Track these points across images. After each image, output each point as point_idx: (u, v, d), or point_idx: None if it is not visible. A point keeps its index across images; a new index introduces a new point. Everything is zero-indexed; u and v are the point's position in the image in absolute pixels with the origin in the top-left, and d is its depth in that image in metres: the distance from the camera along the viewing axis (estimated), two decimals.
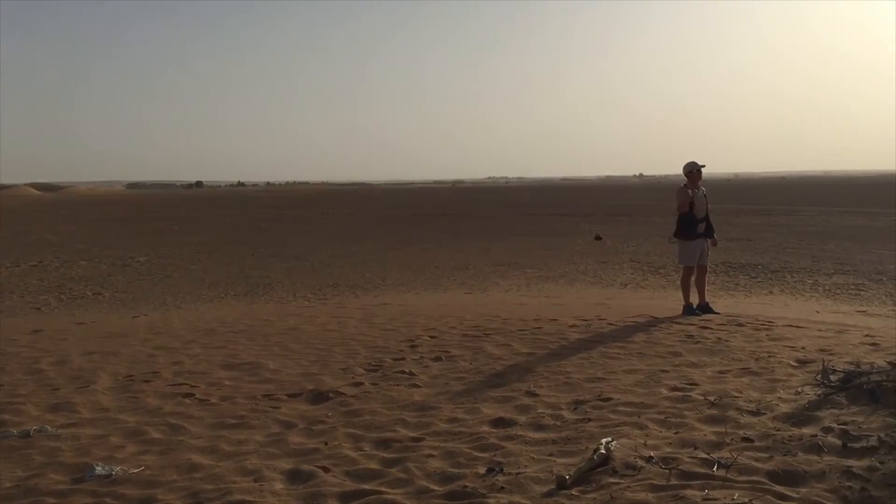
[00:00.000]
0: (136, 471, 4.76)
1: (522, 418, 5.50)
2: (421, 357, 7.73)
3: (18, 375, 7.44)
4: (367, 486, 4.41)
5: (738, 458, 4.33)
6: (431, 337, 8.76)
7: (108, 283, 16.93)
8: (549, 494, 4.09)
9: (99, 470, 4.72)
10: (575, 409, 5.67)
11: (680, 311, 10.00)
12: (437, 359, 7.62)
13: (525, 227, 34.44)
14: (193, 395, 6.58)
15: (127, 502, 4.33)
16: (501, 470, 4.45)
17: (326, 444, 5.18)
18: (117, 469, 4.75)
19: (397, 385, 6.67)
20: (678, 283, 11.62)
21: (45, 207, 69.88)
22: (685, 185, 10.35)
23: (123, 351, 8.52)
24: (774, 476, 4.10)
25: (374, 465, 4.75)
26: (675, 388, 6.06)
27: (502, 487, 4.20)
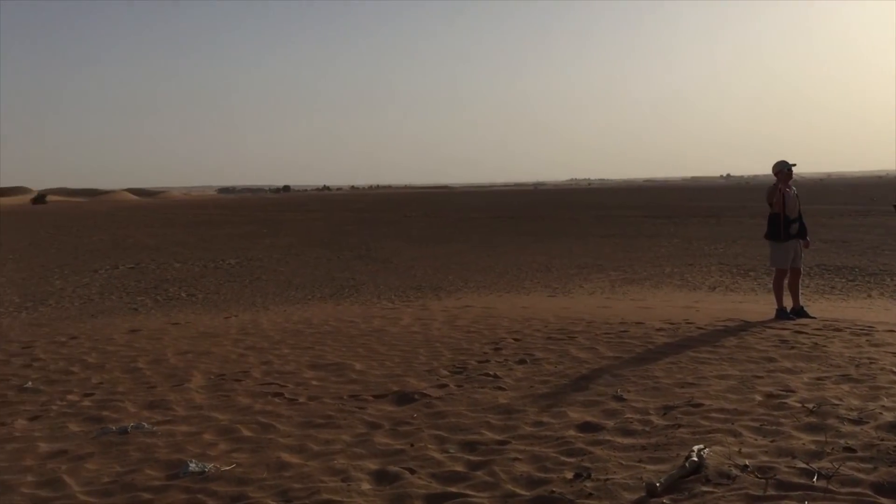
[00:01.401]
0: (227, 468, 4.87)
1: (610, 423, 5.40)
2: (505, 360, 7.68)
3: (117, 373, 7.73)
4: (452, 489, 4.40)
5: (840, 468, 4.15)
6: (515, 339, 8.71)
7: (200, 284, 17.46)
8: (639, 502, 4.00)
9: (193, 467, 4.85)
10: (664, 414, 5.54)
11: (773, 315, 9.67)
12: (522, 361, 7.56)
13: (608, 229, 33.97)
14: (282, 394, 6.71)
15: (219, 499, 4.43)
16: (589, 475, 4.38)
17: (412, 445, 5.20)
18: (210, 466, 4.87)
19: (482, 387, 6.65)
20: (769, 286, 11.25)
21: (142, 212, 72.63)
22: (776, 184, 10.02)
23: (215, 350, 8.75)
24: (879, 488, 3.90)
25: (459, 468, 4.74)
26: (770, 395, 5.85)
27: (590, 494, 4.13)
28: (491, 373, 7.14)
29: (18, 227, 47.67)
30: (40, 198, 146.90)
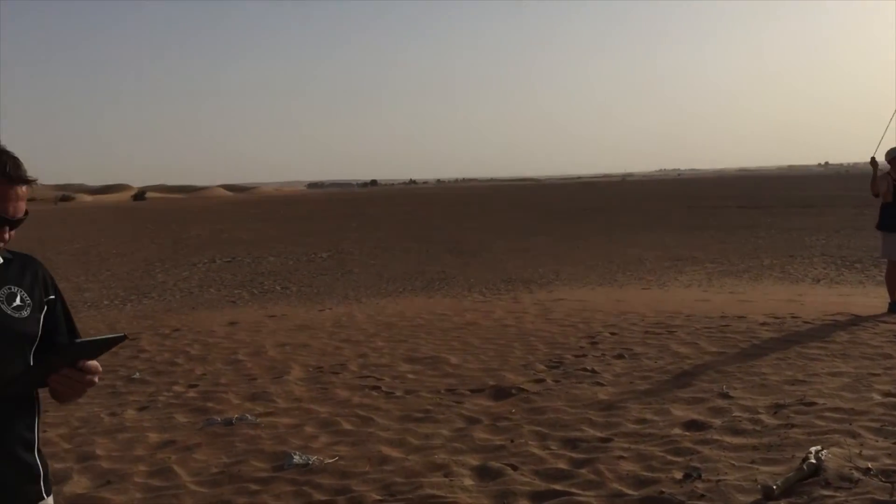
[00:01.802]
0: (330, 461, 4.91)
1: (717, 421, 5.22)
2: (603, 354, 7.54)
3: (219, 365, 7.93)
4: (557, 487, 4.32)
5: None
6: (612, 333, 8.53)
7: (294, 277, 17.80)
8: None
9: (297, 459, 4.91)
10: (775, 413, 5.31)
11: (885, 310, 9.19)
12: (620, 356, 7.40)
13: (701, 221, 33.08)
14: (380, 387, 6.74)
15: (324, 492, 4.47)
16: (700, 476, 4.23)
17: (512, 441, 5.13)
18: (314, 459, 4.92)
19: (580, 383, 6.53)
20: (879, 278, 10.70)
21: (236, 207, 74.77)
22: (888, 172, 9.52)
23: (312, 343, 8.88)
24: None
25: (562, 465, 4.65)
26: (889, 394, 5.54)
27: (702, 495, 3.98)
28: (588, 368, 7.01)
29: (121, 223, 49.72)
30: (140, 195, 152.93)
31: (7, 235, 1.94)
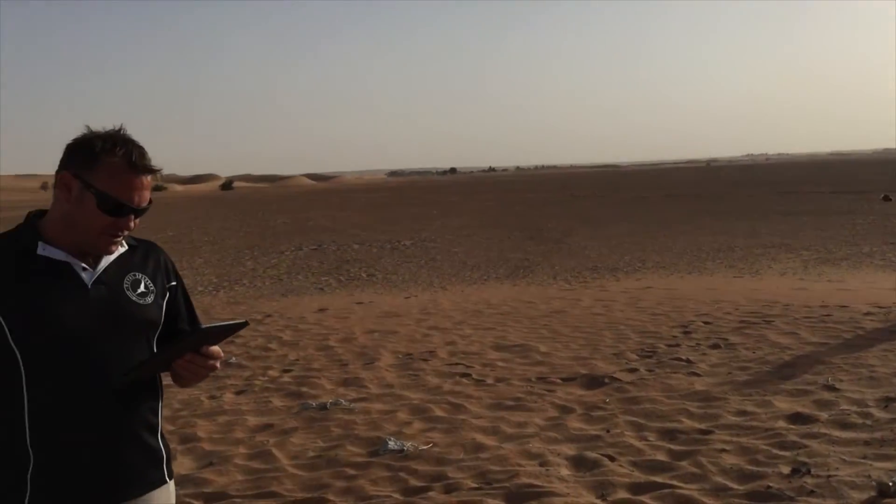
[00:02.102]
0: (425, 447, 4.93)
1: (824, 415, 5.02)
2: (697, 344, 7.35)
3: (311, 351, 8.05)
4: (657, 479, 4.22)
5: None
6: (705, 323, 8.32)
7: (379, 265, 17.98)
8: (869, 502, 3.67)
9: (392, 445, 4.94)
10: (885, 406, 5.08)
11: None
12: (716, 346, 7.20)
13: (794, 206, 31.98)
14: (470, 374, 6.73)
15: (420, 478, 4.48)
16: (809, 471, 4.07)
17: (608, 431, 5.05)
18: (408, 445, 4.94)
19: (675, 373, 6.39)
20: None
21: (319, 195, 76.03)
22: None
23: (400, 330, 8.94)
24: None
25: (661, 457, 4.55)
26: None
27: (812, 491, 3.83)
28: (683, 357, 6.84)
29: (211, 211, 51.19)
30: (228, 184, 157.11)
31: (132, 224, 1.97)
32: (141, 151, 1.93)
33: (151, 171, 1.95)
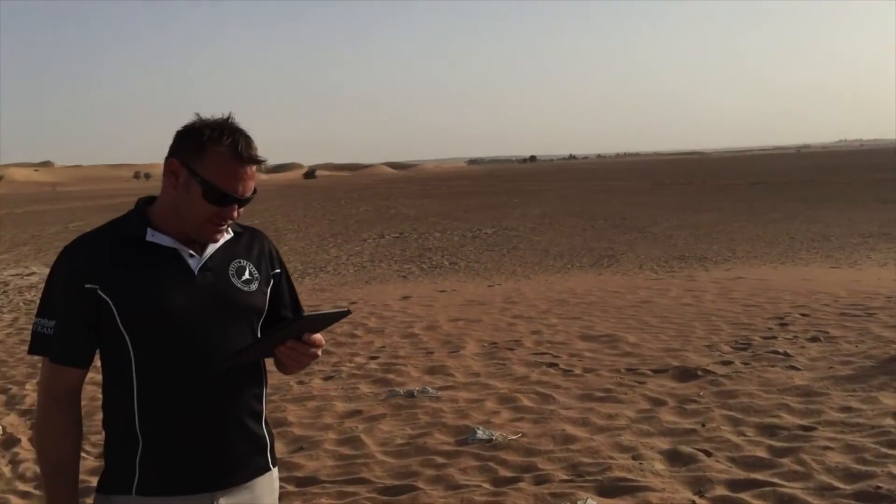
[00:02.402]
0: (514, 437, 4.87)
1: None
2: (795, 336, 7.07)
3: (396, 338, 8.09)
4: (757, 476, 4.06)
5: None
6: (803, 315, 8.00)
7: (461, 253, 17.98)
8: None
9: (480, 434, 4.90)
10: None
11: None
12: (815, 339, 6.92)
13: (892, 194, 30.58)
14: (557, 364, 6.64)
15: (509, 468, 4.43)
16: None
17: (703, 425, 4.89)
18: (497, 434, 4.89)
19: (772, 366, 6.15)
20: None
21: (400, 184, 76.62)
22: None
23: (484, 318, 8.90)
24: None
25: (761, 453, 4.38)
26: None
27: None
28: (780, 350, 6.59)
29: (294, 200, 52.16)
30: (310, 173, 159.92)
31: (235, 214, 1.96)
32: (247, 141, 1.92)
33: (257, 161, 1.94)
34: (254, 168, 1.94)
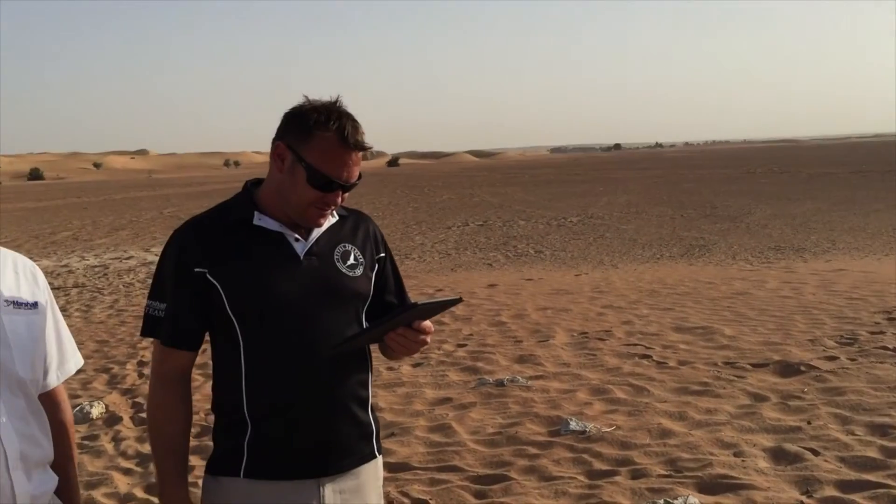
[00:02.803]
0: (608, 429, 4.76)
1: None
2: None
3: (484, 326, 8.04)
4: (869, 477, 3.85)
5: None
6: None
7: (546, 241, 17.82)
8: None
9: (573, 425, 4.81)
10: None
11: None
12: None
13: None
14: (650, 356, 6.47)
15: (604, 461, 4.33)
16: None
17: (809, 423, 4.68)
18: (591, 426, 4.79)
19: (881, 363, 5.84)
20: None
21: (483, 172, 76.47)
22: None
23: (573, 308, 8.76)
24: None
25: (872, 454, 4.15)
26: None
27: None
28: (890, 346, 6.25)
29: (378, 187, 52.66)
30: (394, 161, 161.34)
31: (339, 200, 1.93)
32: (354, 126, 1.88)
33: (363, 147, 1.90)
34: (359, 154, 1.91)
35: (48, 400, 1.91)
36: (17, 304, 1.81)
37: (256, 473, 1.91)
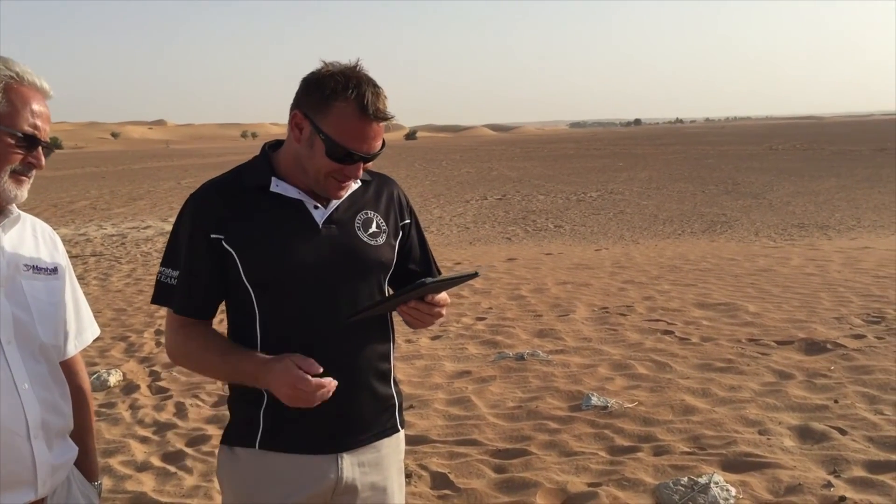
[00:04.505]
0: (630, 405, 4.68)
1: None
2: None
3: (503, 300, 7.96)
4: None
5: None
6: None
7: (565, 216, 17.67)
8: None
9: (595, 400, 4.73)
10: None
11: None
12: None
13: None
14: (672, 332, 6.37)
15: (626, 437, 4.26)
16: None
17: (836, 401, 4.58)
18: (612, 402, 4.71)
19: None
20: None
21: (501, 146, 76.05)
22: None
23: (594, 283, 8.66)
24: None
25: None
26: None
27: None
28: None
29: (396, 160, 52.47)
30: (411, 134, 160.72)
31: (360, 172, 1.84)
32: (376, 92, 1.76)
33: (384, 117, 1.79)
34: (381, 124, 1.80)
35: (66, 369, 1.86)
36: (38, 268, 1.77)
37: (272, 445, 1.85)
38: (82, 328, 1.93)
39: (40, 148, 1.69)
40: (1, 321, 1.64)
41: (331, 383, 1.70)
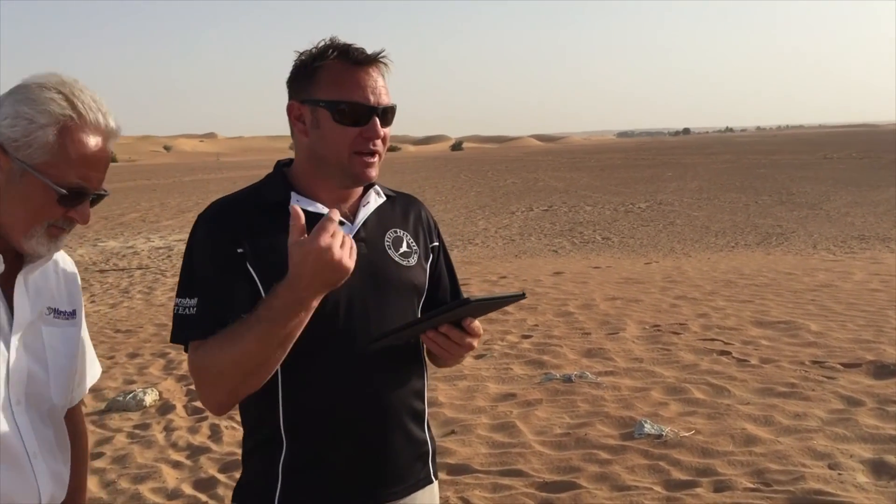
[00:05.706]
0: (686, 434, 4.38)
1: None
2: None
3: (550, 316, 7.68)
4: None
5: None
6: None
7: (613, 228, 17.30)
8: None
9: (648, 428, 4.45)
10: None
11: None
12: None
13: None
14: (729, 353, 6.04)
15: (683, 469, 3.97)
16: None
17: None
18: (667, 430, 4.42)
19: None
20: None
21: (548, 156, 75.55)
22: None
23: (644, 298, 8.34)
24: None
25: None
26: None
27: None
28: None
29: (441, 171, 52.40)
30: (457, 145, 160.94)
31: (380, 130, 1.62)
32: (357, 47, 1.60)
33: (374, 60, 1.60)
34: (377, 70, 1.61)
35: (67, 420, 1.65)
36: (58, 312, 1.56)
37: (293, 501, 1.62)
38: (85, 375, 1.72)
39: (88, 201, 1.46)
40: (13, 377, 1.43)
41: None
